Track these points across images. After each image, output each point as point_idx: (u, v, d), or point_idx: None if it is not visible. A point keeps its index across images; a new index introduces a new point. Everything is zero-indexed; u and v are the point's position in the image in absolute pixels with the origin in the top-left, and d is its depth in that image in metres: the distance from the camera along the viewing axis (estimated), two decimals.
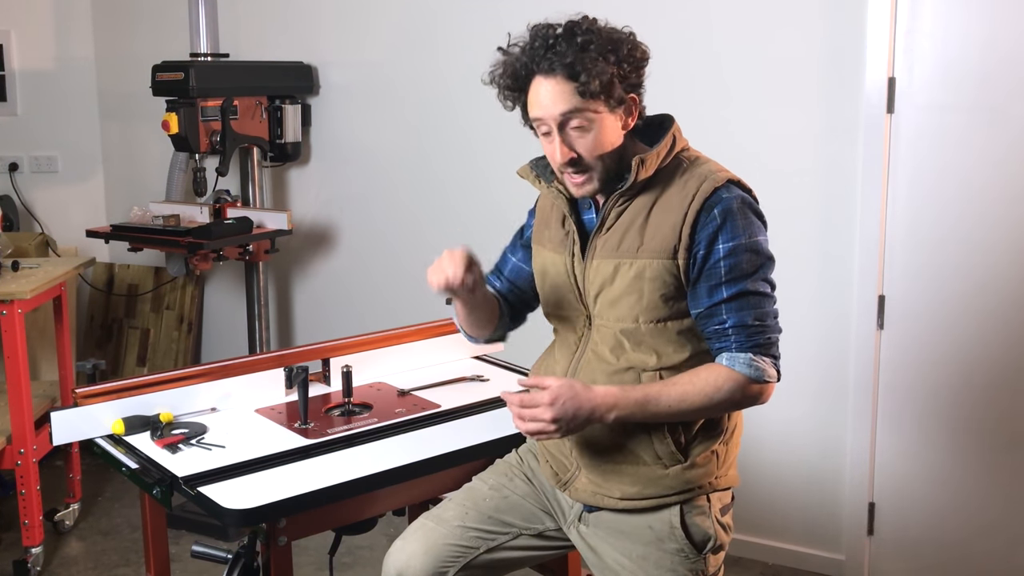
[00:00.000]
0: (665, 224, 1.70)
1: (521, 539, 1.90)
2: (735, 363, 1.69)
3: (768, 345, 1.71)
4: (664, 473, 1.74)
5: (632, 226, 1.73)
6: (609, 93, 1.65)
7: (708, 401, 1.68)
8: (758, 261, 1.70)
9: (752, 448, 3.12)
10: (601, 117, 1.67)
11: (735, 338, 1.69)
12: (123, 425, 1.99)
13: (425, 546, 1.84)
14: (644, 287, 1.71)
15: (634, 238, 1.72)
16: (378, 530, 2.14)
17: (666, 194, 1.72)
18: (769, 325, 1.71)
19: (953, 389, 2.87)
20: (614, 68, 1.65)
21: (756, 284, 1.70)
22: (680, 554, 1.76)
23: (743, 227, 1.69)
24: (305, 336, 4.02)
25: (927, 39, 2.78)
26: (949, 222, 2.82)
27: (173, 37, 3.90)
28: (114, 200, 4.39)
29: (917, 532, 2.96)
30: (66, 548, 3.31)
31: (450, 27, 3.50)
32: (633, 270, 1.71)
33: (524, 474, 1.94)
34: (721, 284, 1.68)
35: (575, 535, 1.87)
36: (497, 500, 1.91)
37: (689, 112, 3.08)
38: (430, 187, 3.63)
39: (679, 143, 1.76)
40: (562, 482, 1.84)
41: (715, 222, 1.68)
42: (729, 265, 1.68)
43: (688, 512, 1.76)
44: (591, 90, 1.63)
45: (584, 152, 1.68)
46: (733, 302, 1.68)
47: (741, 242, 1.68)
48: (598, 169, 1.70)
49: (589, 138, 1.68)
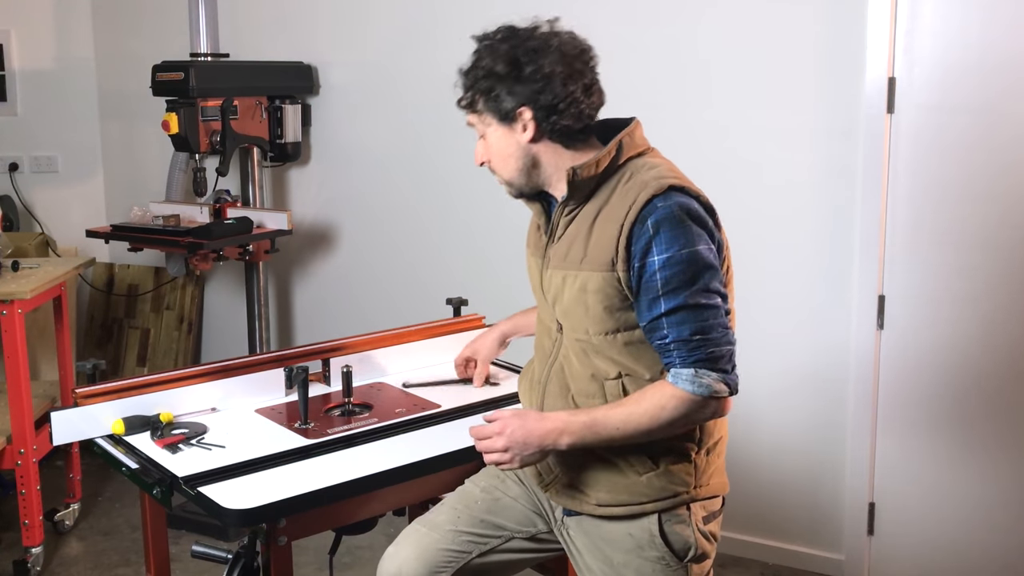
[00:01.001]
0: (604, 235, 1.68)
1: (514, 542, 1.90)
2: (678, 380, 1.64)
3: (713, 359, 1.64)
4: (637, 479, 1.73)
5: (578, 237, 1.72)
6: (491, 106, 1.72)
7: (655, 421, 1.65)
8: (694, 271, 1.63)
9: (752, 448, 3.12)
10: (491, 130, 1.76)
11: (676, 353, 1.65)
12: (123, 425, 1.99)
13: (417, 551, 1.83)
14: (588, 299, 1.70)
15: (579, 249, 1.71)
16: (378, 530, 2.14)
17: (610, 203, 1.70)
18: (712, 338, 1.64)
19: (953, 389, 2.87)
20: (492, 83, 1.71)
21: (696, 296, 1.63)
22: (661, 562, 1.75)
23: (676, 237, 1.62)
24: (305, 336, 4.02)
25: (927, 39, 2.78)
26: (949, 222, 2.82)
27: (173, 37, 3.89)
28: (114, 200, 4.39)
29: (917, 532, 2.96)
30: (66, 548, 3.31)
31: (450, 27, 3.49)
32: (578, 282, 1.71)
33: (516, 475, 1.94)
34: (659, 297, 1.64)
35: (562, 537, 1.88)
36: (489, 503, 1.90)
37: (689, 112, 3.10)
38: (430, 187, 3.63)
39: (629, 150, 1.73)
40: (544, 483, 1.84)
41: (647, 233, 1.63)
42: (665, 277, 1.63)
43: (667, 521, 1.75)
44: (470, 103, 1.76)
45: (487, 159, 1.79)
46: (672, 316, 1.64)
47: (674, 254, 1.62)
48: (511, 178, 1.77)
49: (489, 148, 1.78)
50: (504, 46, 1.70)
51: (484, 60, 1.72)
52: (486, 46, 1.73)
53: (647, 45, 3.12)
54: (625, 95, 3.13)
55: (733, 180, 3.05)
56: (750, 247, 3.06)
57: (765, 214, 3.03)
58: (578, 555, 1.84)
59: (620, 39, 3.12)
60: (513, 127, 1.72)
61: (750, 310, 3.05)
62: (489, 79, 1.71)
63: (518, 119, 1.71)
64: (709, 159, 3.08)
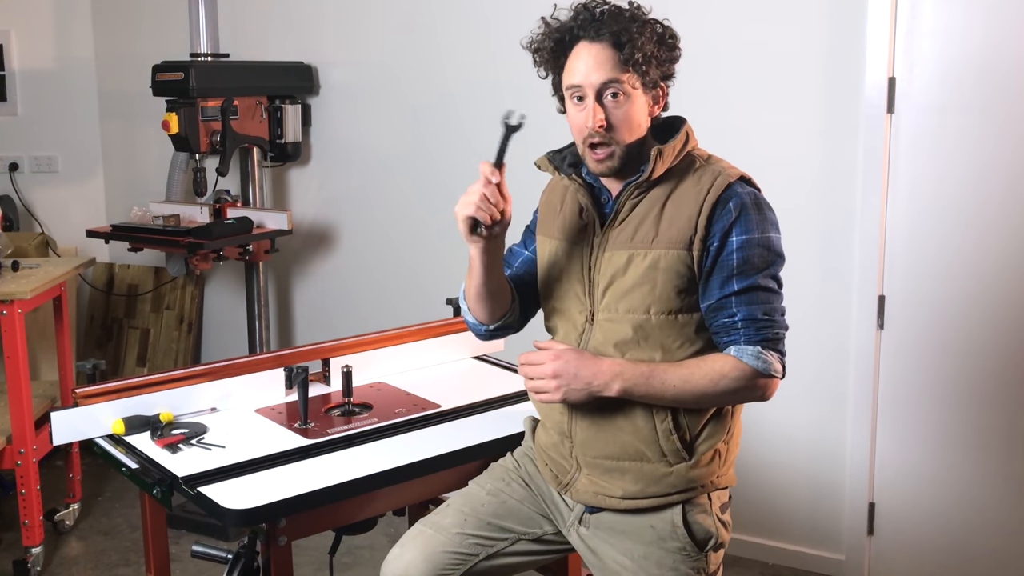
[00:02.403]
0: (680, 216, 1.71)
1: (520, 544, 1.89)
2: (743, 355, 1.69)
3: (776, 340, 1.71)
4: (668, 471, 1.74)
5: (647, 218, 1.74)
6: (647, 70, 1.70)
7: (712, 387, 1.68)
8: (769, 257, 1.71)
9: (752, 448, 3.12)
10: (636, 93, 1.71)
11: (744, 331, 1.69)
12: (123, 425, 1.99)
13: (424, 554, 1.82)
14: (658, 277, 1.71)
15: (649, 229, 1.73)
16: (378, 530, 2.14)
17: (680, 188, 1.74)
18: (777, 320, 1.71)
19: (953, 389, 2.87)
20: (655, 48, 1.70)
21: (766, 280, 1.71)
22: (682, 552, 1.76)
23: (756, 222, 1.70)
24: (305, 336, 4.02)
25: (927, 39, 2.78)
26: (949, 222, 2.82)
27: (173, 37, 3.90)
28: (114, 200, 4.39)
29: (917, 532, 2.96)
30: (66, 548, 3.31)
31: (450, 27, 3.50)
32: (648, 260, 1.72)
33: (521, 478, 1.93)
34: (732, 277, 1.69)
35: (575, 538, 1.87)
36: (495, 505, 1.90)
37: (689, 112, 3.09)
38: (430, 187, 3.63)
39: (691, 141, 1.79)
40: (562, 484, 1.84)
41: (730, 215, 1.69)
42: (741, 258, 1.69)
43: (690, 511, 1.76)
44: (634, 60, 1.67)
45: (616, 122, 1.70)
46: (743, 295, 1.69)
47: (754, 236, 1.69)
48: (621, 147, 1.72)
49: (622, 111, 1.70)
50: (658, 23, 1.74)
51: (651, 26, 1.72)
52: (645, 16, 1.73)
53: None
54: None
55: None
56: None
57: None
58: (593, 555, 1.84)
59: None
60: (650, 97, 1.74)
61: None
62: (655, 44, 1.71)
63: (659, 91, 1.76)
64: None
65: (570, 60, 1.72)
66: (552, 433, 1.86)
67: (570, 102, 1.74)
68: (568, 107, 1.76)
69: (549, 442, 1.87)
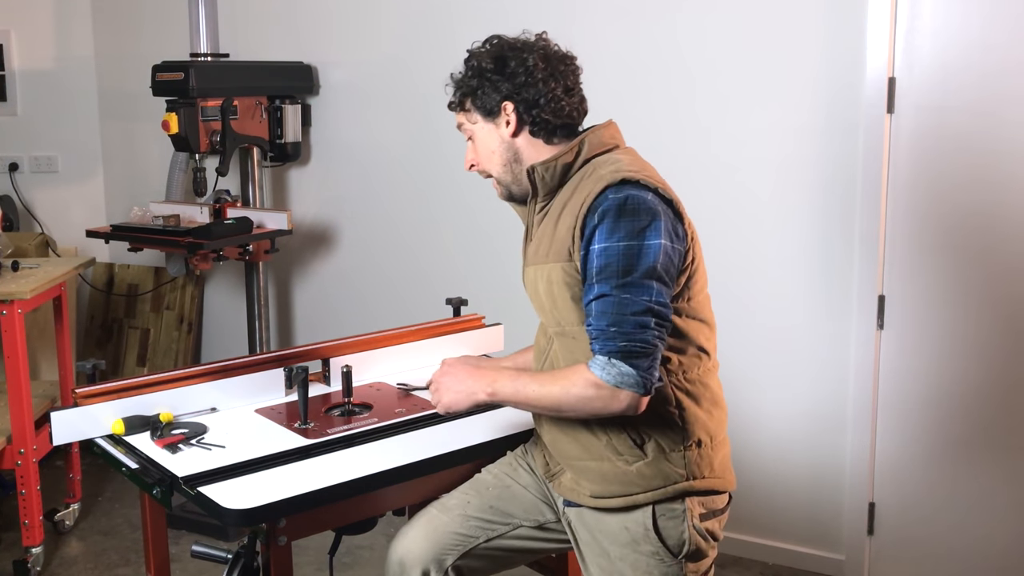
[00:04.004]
0: (563, 228, 1.73)
1: (521, 530, 1.92)
2: (593, 364, 1.65)
3: (627, 354, 1.62)
4: (627, 469, 1.75)
5: (546, 233, 1.78)
6: (471, 103, 1.80)
7: (563, 397, 1.67)
8: (628, 264, 1.63)
9: (752, 448, 3.12)
10: (477, 127, 1.82)
11: (596, 342, 1.65)
12: (123, 425, 1.99)
13: (426, 532, 1.89)
14: (555, 291, 1.74)
15: (546, 244, 1.76)
16: (378, 530, 2.14)
17: (572, 198, 1.74)
18: (627, 332, 1.61)
19: (953, 389, 2.87)
20: (476, 81, 1.78)
21: (623, 289, 1.63)
22: (655, 557, 1.76)
23: (614, 228, 1.64)
24: (305, 336, 4.02)
25: (927, 39, 2.78)
26: (949, 222, 2.82)
27: (173, 37, 3.89)
28: (114, 200, 4.39)
29: (917, 532, 2.96)
30: (66, 548, 3.31)
31: (450, 26, 3.50)
32: (544, 276, 1.76)
33: (528, 464, 1.97)
34: (593, 284, 1.66)
35: (565, 526, 1.91)
36: (500, 489, 1.94)
37: (688, 112, 3.10)
38: (430, 186, 3.63)
39: (596, 146, 1.77)
40: (551, 474, 1.88)
41: (593, 222, 1.66)
42: (599, 265, 1.65)
43: (661, 515, 1.75)
44: (455, 102, 1.84)
45: (475, 159, 1.86)
46: (595, 303, 1.65)
47: (611, 244, 1.64)
48: (500, 176, 1.83)
49: (475, 147, 1.85)
50: (490, 48, 1.80)
51: (472, 61, 1.81)
52: (475, 51, 1.83)
53: (647, 46, 3.12)
54: (624, 95, 3.15)
55: (733, 180, 3.05)
56: (750, 247, 3.06)
57: (765, 214, 3.03)
58: (580, 547, 1.86)
59: (619, 40, 3.13)
60: (497, 122, 1.80)
61: (750, 310, 3.06)
62: (476, 77, 1.79)
63: (502, 113, 1.79)
64: (709, 159, 3.08)
65: None
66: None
67: None
68: None
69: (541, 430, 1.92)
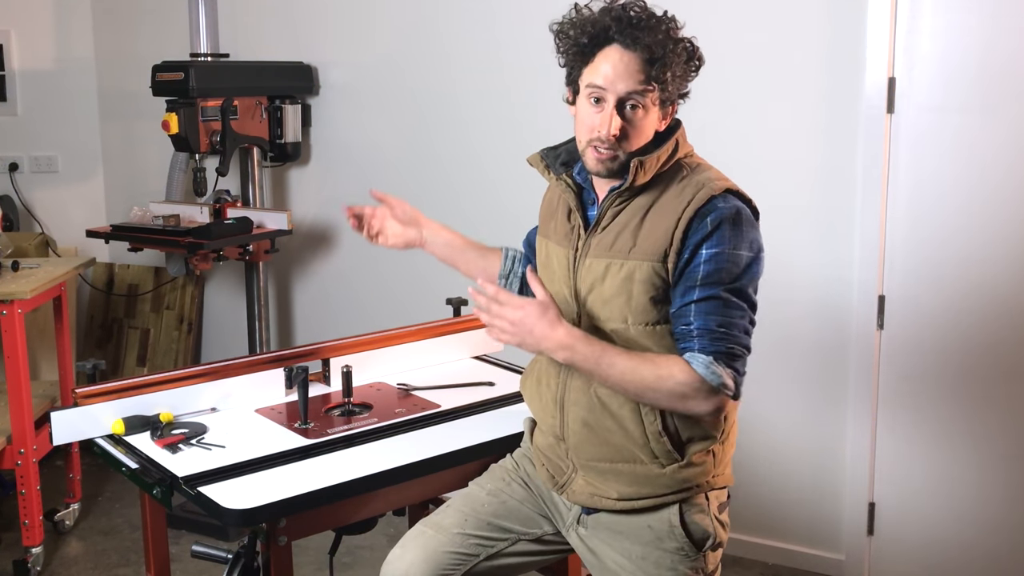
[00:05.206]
0: (659, 228, 1.70)
1: (520, 544, 1.89)
2: (694, 361, 1.66)
3: (730, 356, 1.67)
4: (661, 472, 1.74)
5: (627, 227, 1.73)
6: (671, 88, 1.69)
7: (656, 383, 1.65)
8: (736, 272, 1.67)
9: (752, 448, 3.12)
10: (654, 108, 1.70)
11: (698, 340, 1.66)
12: (123, 425, 1.99)
13: (425, 554, 1.82)
14: (633, 289, 1.71)
15: (627, 239, 1.72)
16: (378, 530, 2.14)
17: (663, 198, 1.72)
18: (734, 335, 1.67)
19: (953, 389, 2.87)
20: (682, 69, 1.70)
21: (729, 294, 1.67)
22: (680, 552, 1.76)
23: (730, 237, 1.67)
24: (305, 336, 4.02)
25: (927, 39, 2.78)
26: (949, 222, 2.82)
27: (173, 37, 3.90)
28: (114, 200, 4.39)
29: (917, 532, 2.96)
30: (66, 548, 3.31)
31: (450, 26, 3.50)
32: (623, 271, 1.71)
33: (521, 478, 1.94)
34: (696, 286, 1.67)
35: (574, 538, 1.87)
36: (496, 506, 1.90)
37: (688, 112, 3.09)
38: (430, 186, 3.63)
39: (682, 149, 1.76)
40: (559, 485, 1.84)
41: (705, 229, 1.67)
42: (707, 270, 1.66)
43: (687, 510, 1.76)
44: (662, 78, 1.67)
45: (629, 133, 1.69)
46: (702, 304, 1.66)
47: (724, 250, 1.67)
48: (625, 154, 1.71)
49: (637, 123, 1.69)
50: (689, 41, 1.72)
51: (684, 44, 1.70)
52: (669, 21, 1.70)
53: None
54: None
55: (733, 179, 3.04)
56: None
57: (765, 214, 3.02)
58: (592, 555, 1.84)
59: None
60: (663, 112, 1.73)
61: None
62: (683, 64, 1.71)
63: (672, 108, 1.75)
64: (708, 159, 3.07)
65: (598, 59, 1.69)
66: (547, 435, 1.86)
67: (585, 99, 1.71)
68: (581, 103, 1.73)
69: (545, 443, 1.88)
